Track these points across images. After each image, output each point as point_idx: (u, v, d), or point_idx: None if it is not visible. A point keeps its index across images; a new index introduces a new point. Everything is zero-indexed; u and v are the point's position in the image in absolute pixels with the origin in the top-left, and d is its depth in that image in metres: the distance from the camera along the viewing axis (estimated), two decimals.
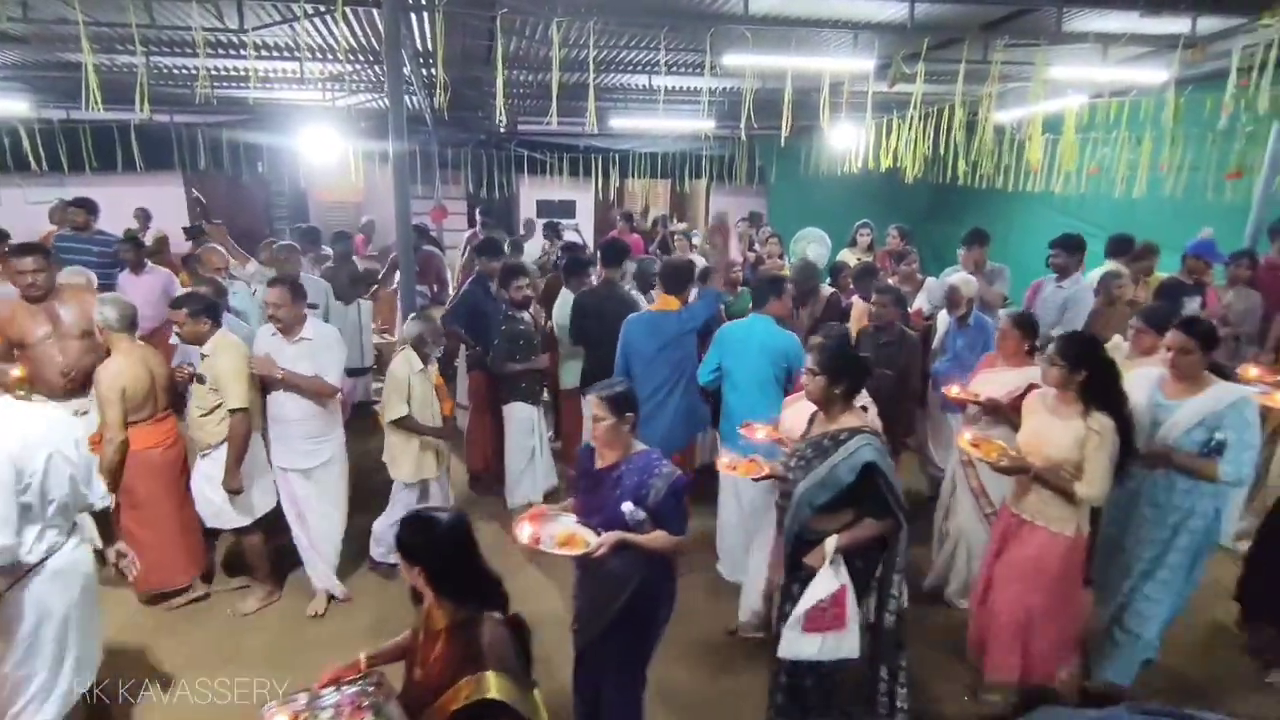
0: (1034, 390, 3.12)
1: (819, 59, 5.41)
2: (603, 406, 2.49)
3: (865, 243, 7.02)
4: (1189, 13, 4.80)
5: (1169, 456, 2.88)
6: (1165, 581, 2.99)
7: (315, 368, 3.72)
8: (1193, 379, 2.90)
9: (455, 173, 10.37)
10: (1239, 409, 2.78)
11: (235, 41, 5.76)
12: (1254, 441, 2.78)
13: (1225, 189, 5.61)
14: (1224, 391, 2.84)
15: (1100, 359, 2.78)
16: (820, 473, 2.55)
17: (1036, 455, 2.86)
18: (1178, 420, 2.87)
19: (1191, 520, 2.93)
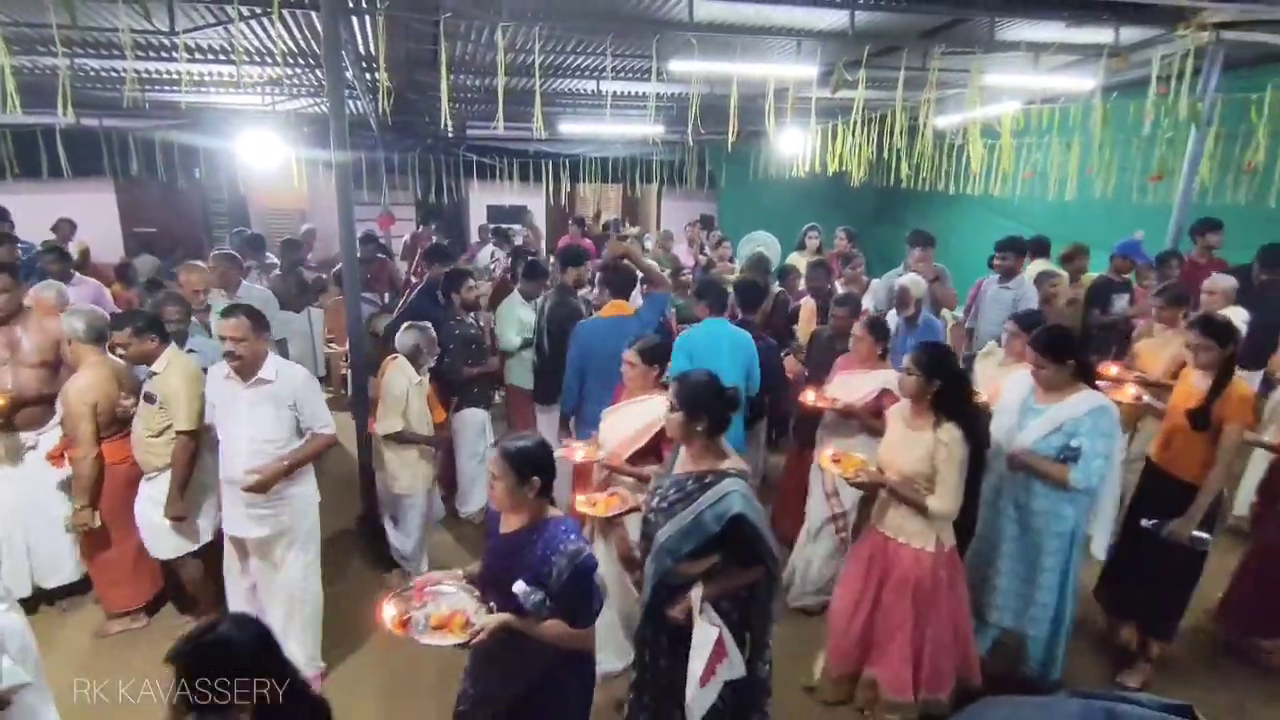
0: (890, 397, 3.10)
1: (764, 65, 5.49)
2: (500, 463, 2.09)
3: (814, 246, 7.14)
4: (1111, 24, 5.02)
5: (1027, 460, 2.92)
6: (1046, 585, 3.02)
7: (282, 417, 3.13)
8: (1058, 386, 2.93)
9: (403, 178, 10.21)
10: (1095, 417, 2.82)
11: (166, 44, 5.55)
12: (1106, 450, 2.82)
13: (1149, 191, 5.89)
14: (1084, 399, 2.87)
15: (953, 370, 2.78)
16: (684, 519, 2.34)
17: (892, 469, 2.86)
18: (1039, 424, 2.92)
19: (1052, 523, 2.97)
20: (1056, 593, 3.03)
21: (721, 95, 5.38)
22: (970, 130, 6.09)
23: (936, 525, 2.81)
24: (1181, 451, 3.17)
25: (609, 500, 2.91)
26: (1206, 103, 5.17)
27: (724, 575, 2.38)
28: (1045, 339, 2.93)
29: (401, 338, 3.98)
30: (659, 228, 11.39)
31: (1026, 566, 3.07)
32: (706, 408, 2.36)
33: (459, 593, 2.19)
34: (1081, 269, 5.68)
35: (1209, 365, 3.08)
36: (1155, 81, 4.87)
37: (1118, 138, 5.83)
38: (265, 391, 3.08)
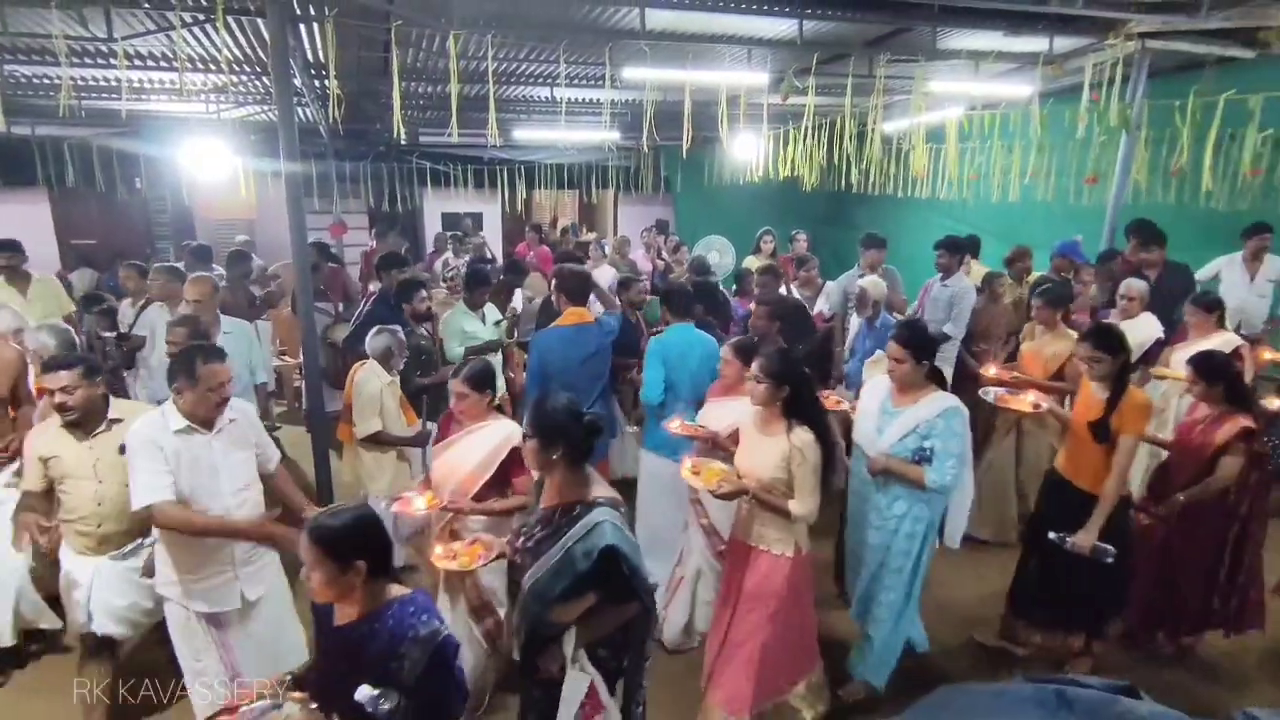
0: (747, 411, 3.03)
1: (716, 73, 5.57)
2: (312, 548, 1.76)
3: (769, 249, 7.26)
4: (1046, 33, 5.24)
5: (886, 464, 2.94)
6: (891, 586, 3.05)
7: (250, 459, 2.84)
8: (912, 387, 2.96)
9: (355, 187, 10.04)
10: (947, 418, 2.85)
11: (104, 50, 5.38)
12: (958, 450, 2.85)
13: (1085, 193, 6.14)
14: (936, 401, 2.91)
15: (801, 375, 2.78)
16: (553, 558, 2.13)
17: (750, 477, 2.82)
18: (895, 427, 2.94)
19: (905, 524, 2.98)
20: (903, 592, 3.05)
21: (675, 101, 5.44)
22: (915, 135, 6.28)
23: (796, 530, 2.81)
24: (1082, 461, 3.21)
25: (471, 550, 2.56)
26: (1135, 109, 5.42)
27: (599, 617, 2.19)
28: (907, 334, 2.96)
29: (372, 341, 3.96)
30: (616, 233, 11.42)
31: (878, 566, 3.09)
32: (563, 434, 2.17)
33: (287, 712, 1.81)
34: (1026, 270, 5.89)
35: (1104, 377, 3.11)
36: (1088, 88, 5.10)
37: (1055, 142, 6.07)
38: (234, 434, 2.78)
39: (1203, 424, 3.28)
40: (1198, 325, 4.25)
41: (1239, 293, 5.33)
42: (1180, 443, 3.41)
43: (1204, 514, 3.26)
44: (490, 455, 2.90)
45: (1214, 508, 3.25)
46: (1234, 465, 3.15)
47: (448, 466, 2.95)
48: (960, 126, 6.41)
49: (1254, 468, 3.24)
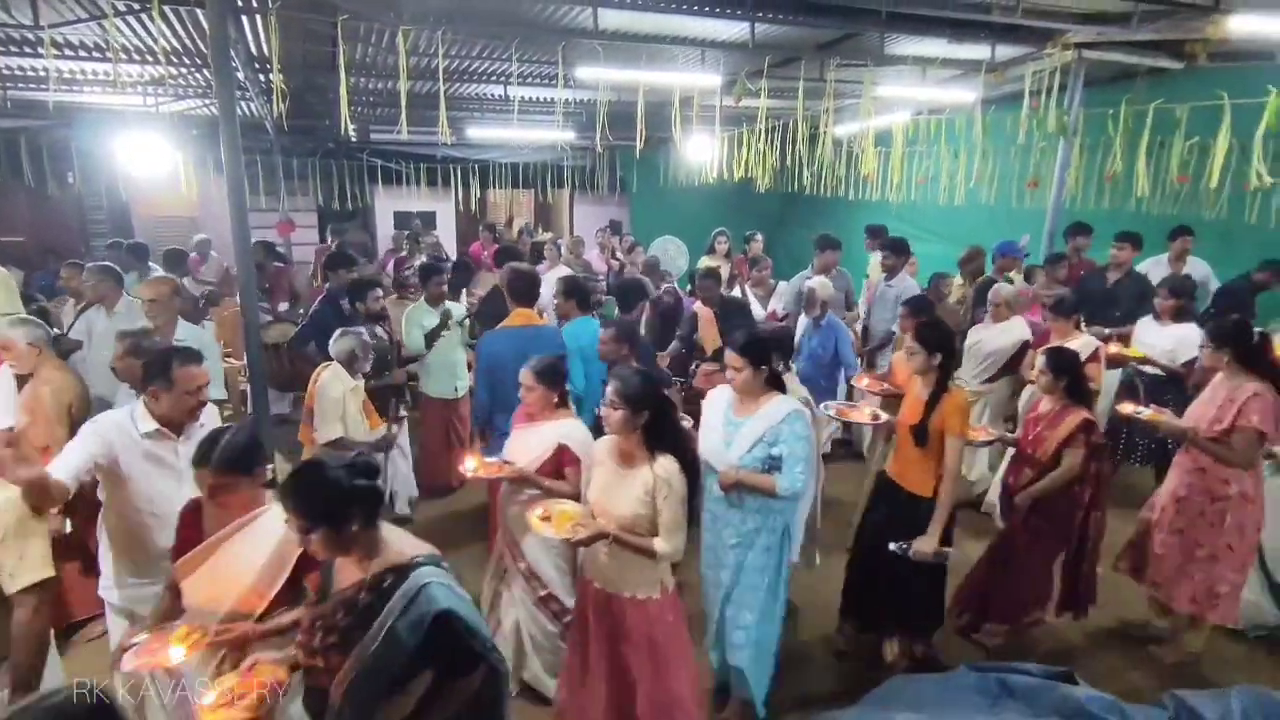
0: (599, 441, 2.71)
1: (669, 74, 5.60)
2: None
3: (723, 250, 7.32)
4: (989, 41, 5.40)
5: (737, 478, 2.75)
6: (749, 604, 2.86)
7: None
8: (752, 395, 2.81)
9: (303, 184, 9.79)
10: (791, 423, 2.73)
11: (30, 39, 5.13)
12: (805, 454, 2.73)
13: (1027, 197, 6.35)
14: (779, 406, 2.78)
15: (662, 398, 2.53)
16: (370, 645, 1.71)
17: (608, 517, 2.51)
18: (741, 438, 2.79)
19: (761, 537, 2.84)
20: (762, 609, 2.85)
21: (629, 102, 5.45)
22: (864, 139, 6.41)
23: (661, 569, 2.57)
24: (908, 464, 3.18)
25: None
26: (1071, 116, 5.62)
27: (441, 699, 1.78)
28: (743, 340, 2.78)
29: (336, 343, 3.86)
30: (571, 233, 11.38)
31: (732, 585, 2.89)
32: (352, 499, 1.76)
33: None
34: (979, 270, 6.04)
35: (921, 370, 3.10)
36: (1028, 96, 5.28)
37: (998, 147, 6.28)
38: None
39: (1046, 418, 3.36)
40: (1058, 330, 4.34)
41: None
42: (1026, 439, 3.46)
43: (1051, 506, 3.32)
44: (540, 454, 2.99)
45: (1060, 499, 3.32)
46: (1076, 457, 3.23)
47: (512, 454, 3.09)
48: (907, 131, 6.57)
49: (1095, 459, 3.30)
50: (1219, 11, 4.50)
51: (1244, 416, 3.13)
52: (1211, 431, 3.23)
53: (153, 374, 2.57)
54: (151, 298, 4.01)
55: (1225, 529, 3.26)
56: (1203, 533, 3.30)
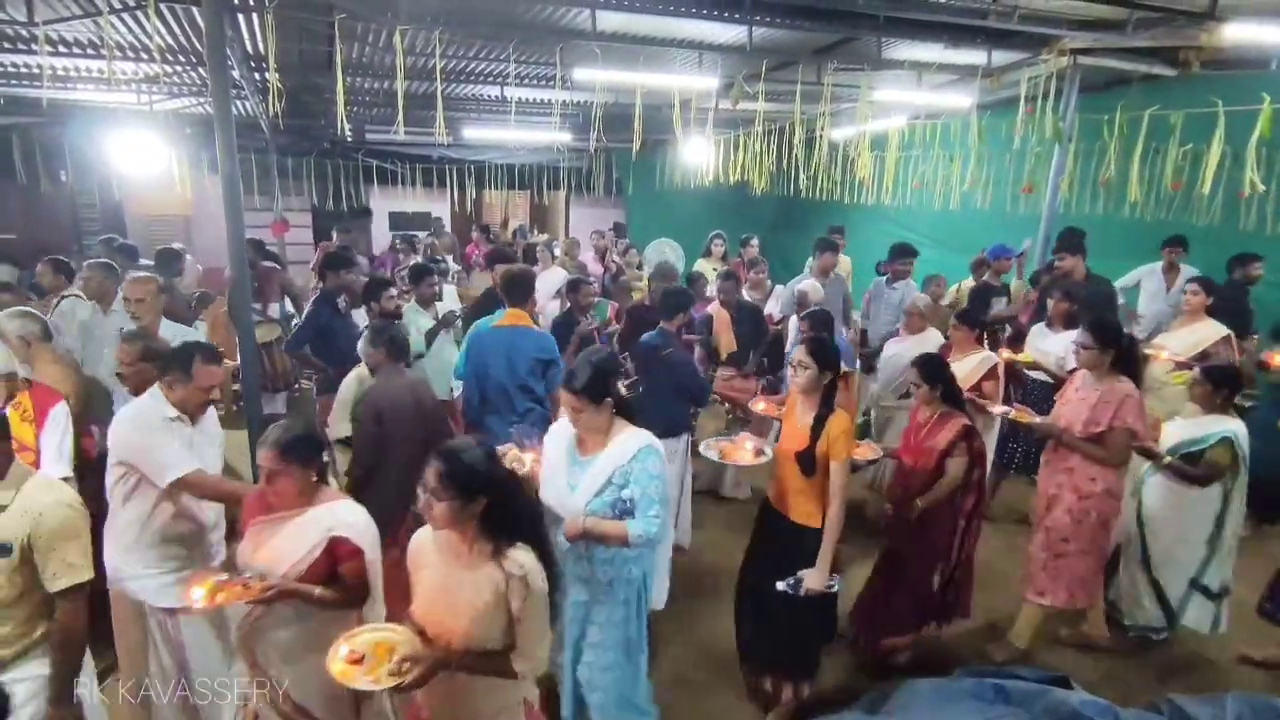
0: (416, 536, 2.13)
1: (667, 76, 5.60)
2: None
3: (719, 253, 7.32)
4: (985, 46, 5.42)
5: (584, 527, 2.39)
6: (605, 667, 2.62)
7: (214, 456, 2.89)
8: (598, 431, 2.49)
9: (298, 184, 9.76)
10: (643, 460, 2.42)
11: (24, 35, 5.10)
12: (660, 494, 2.41)
13: (1022, 202, 6.38)
14: (629, 441, 2.46)
15: (499, 478, 1.96)
16: None
17: (443, 633, 1.93)
18: (588, 481, 2.45)
19: (618, 589, 2.58)
20: (616, 675, 2.63)
21: (626, 104, 5.45)
22: (860, 143, 6.43)
23: (524, 687, 2.07)
24: (795, 494, 2.94)
25: None
26: (1067, 122, 5.65)
27: None
28: (586, 376, 2.41)
29: (362, 344, 3.76)
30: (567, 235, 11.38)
31: (588, 649, 2.65)
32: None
33: None
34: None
35: (808, 389, 2.89)
36: (1024, 101, 5.30)
37: (993, 152, 6.30)
38: (208, 430, 2.86)
39: (926, 427, 3.31)
40: (960, 341, 4.28)
41: (1156, 302, 5.64)
42: (907, 449, 3.39)
43: (935, 516, 3.26)
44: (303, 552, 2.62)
45: (944, 508, 3.27)
46: (960, 466, 3.19)
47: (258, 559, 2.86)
48: (903, 135, 6.59)
49: (975, 465, 3.28)
50: (1214, 19, 4.52)
51: (1119, 418, 3.20)
52: (1087, 432, 3.27)
53: (175, 365, 2.66)
54: (139, 297, 3.96)
55: (1091, 525, 3.32)
56: (1070, 529, 3.34)
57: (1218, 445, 3.32)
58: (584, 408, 2.44)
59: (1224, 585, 3.48)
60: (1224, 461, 3.33)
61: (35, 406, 2.92)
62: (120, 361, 3.23)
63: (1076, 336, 3.46)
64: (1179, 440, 3.45)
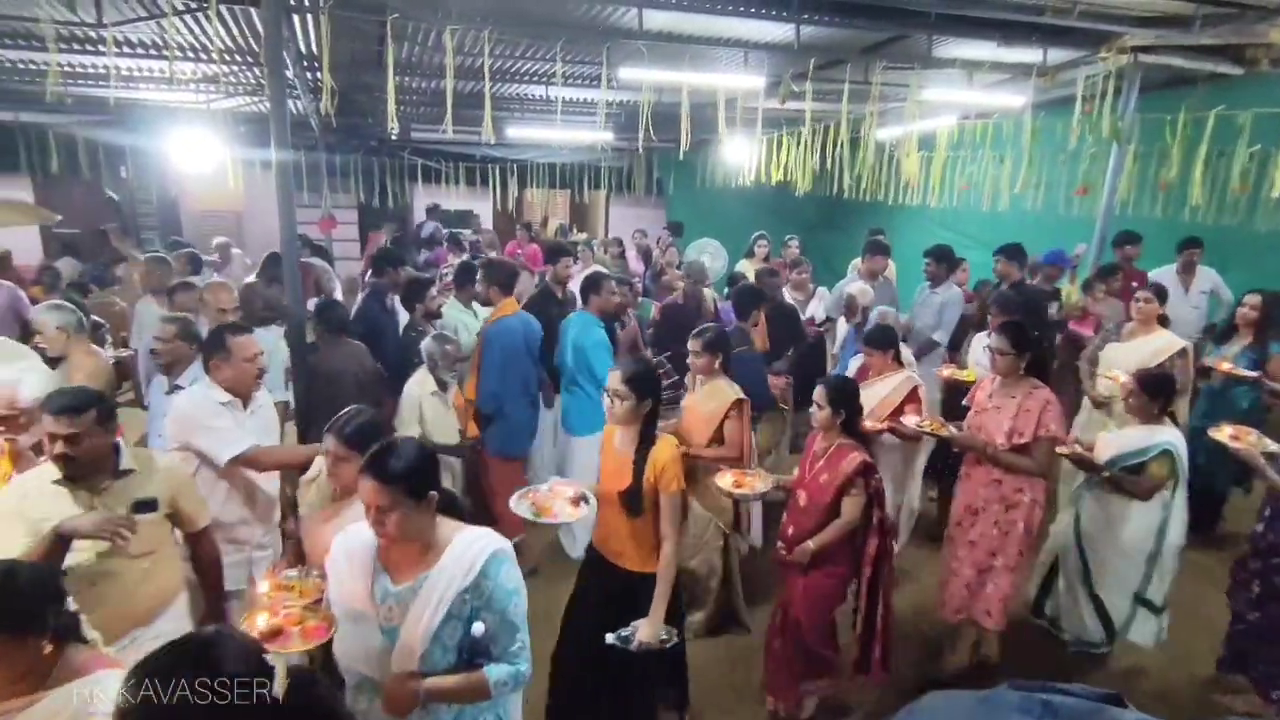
0: None
1: (712, 75, 5.57)
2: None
3: (763, 253, 7.27)
4: (1040, 44, 5.27)
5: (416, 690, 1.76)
6: None
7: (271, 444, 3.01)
8: (418, 539, 1.82)
9: (344, 181, 9.96)
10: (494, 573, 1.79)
11: (93, 37, 5.30)
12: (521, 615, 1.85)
13: (1075, 204, 6.20)
14: (467, 551, 1.79)
15: None
16: None
17: None
18: (412, 619, 1.77)
19: None
20: None
21: (670, 103, 5.43)
22: (907, 143, 6.31)
23: None
24: (624, 540, 2.65)
25: None
26: (1126, 122, 5.47)
27: None
28: (405, 462, 1.75)
29: (426, 345, 3.95)
30: (607, 234, 11.41)
31: None
32: None
33: None
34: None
35: (624, 419, 2.57)
36: (1080, 100, 5.14)
37: (1046, 153, 6.13)
38: (263, 417, 2.96)
39: (823, 459, 2.94)
40: (875, 364, 3.94)
41: (1174, 305, 5.41)
42: (802, 481, 3.02)
43: (830, 559, 2.90)
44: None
45: (840, 552, 2.91)
46: (856, 506, 2.85)
47: None
48: (952, 135, 6.45)
49: (877, 506, 2.91)
50: None
51: (1043, 427, 3.09)
52: (1011, 443, 3.14)
53: (211, 348, 2.77)
54: (224, 306, 4.06)
55: (1018, 536, 3.21)
56: (996, 543, 3.23)
57: (1159, 457, 3.19)
58: (397, 506, 1.70)
59: (1166, 599, 3.38)
60: (1165, 474, 3.20)
61: None
62: (157, 338, 3.40)
63: (991, 341, 3.29)
64: (1118, 452, 3.30)
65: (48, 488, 2.17)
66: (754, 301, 4.62)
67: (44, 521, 2.06)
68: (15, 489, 2.19)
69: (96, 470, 2.22)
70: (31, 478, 2.23)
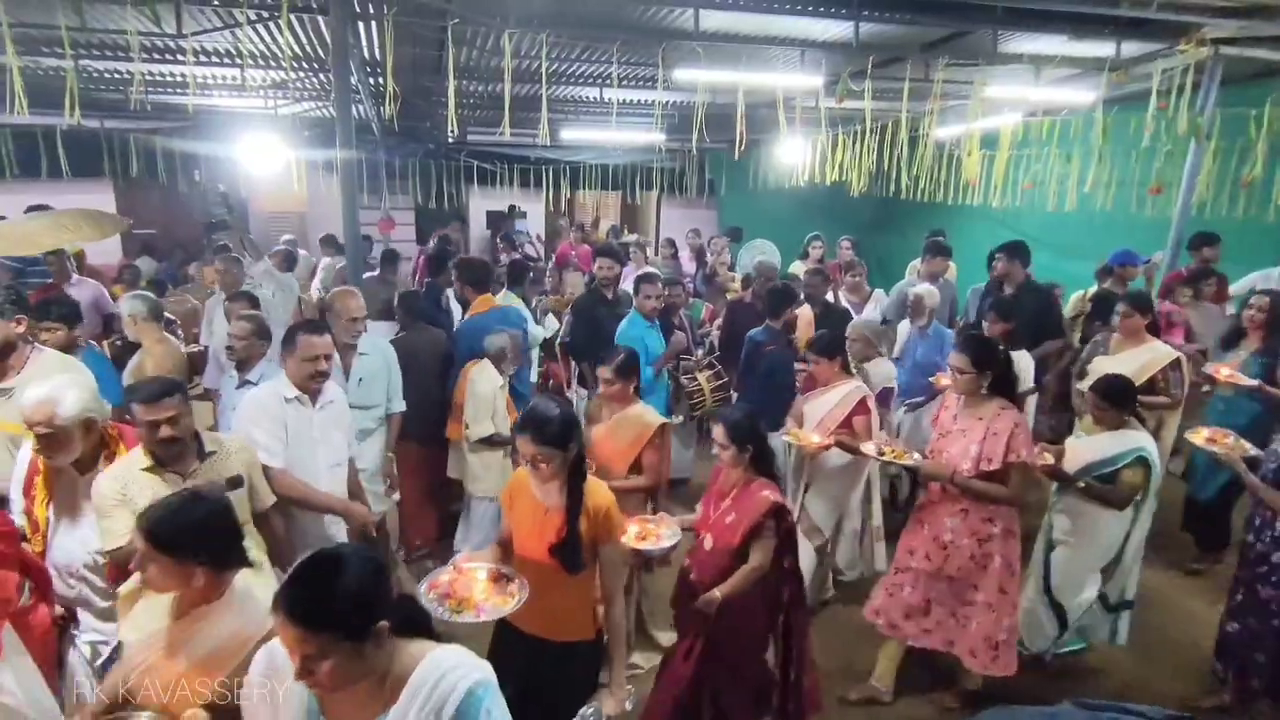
0: None
1: (768, 75, 5.53)
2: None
3: (817, 255, 7.17)
4: (1113, 37, 5.07)
5: None
6: None
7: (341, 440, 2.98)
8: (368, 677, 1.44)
9: (403, 183, 10.21)
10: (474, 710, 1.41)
11: (173, 46, 5.56)
12: None
13: (1147, 204, 5.93)
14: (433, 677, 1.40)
15: None
16: None
17: None
18: None
19: None
20: None
21: (722, 104, 5.41)
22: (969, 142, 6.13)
23: None
24: (554, 611, 2.25)
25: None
26: (1206, 117, 5.21)
27: None
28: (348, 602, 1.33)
29: (490, 340, 4.02)
30: (658, 235, 11.42)
31: None
32: None
33: None
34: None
35: (546, 477, 2.16)
36: (1155, 95, 4.92)
37: (1117, 150, 5.88)
38: (332, 414, 2.93)
39: (730, 497, 2.63)
40: (821, 372, 3.71)
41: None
42: (707, 521, 2.69)
43: (739, 610, 2.53)
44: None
45: (750, 601, 2.56)
46: (768, 549, 2.54)
47: None
48: (1016, 133, 6.25)
49: (788, 550, 2.64)
50: None
51: (1013, 452, 2.80)
52: (979, 470, 2.85)
53: (285, 342, 2.85)
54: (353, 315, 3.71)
55: (996, 570, 2.93)
56: (975, 576, 2.95)
57: (1133, 464, 3.06)
58: (330, 653, 1.30)
59: (1123, 598, 3.27)
60: (1139, 481, 3.07)
61: None
62: (233, 335, 3.52)
63: (950, 358, 3.00)
64: (1090, 460, 3.14)
65: (139, 476, 2.25)
66: (784, 300, 4.62)
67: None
68: (116, 479, 2.25)
69: (185, 453, 2.32)
70: (121, 468, 2.29)
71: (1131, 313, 4.09)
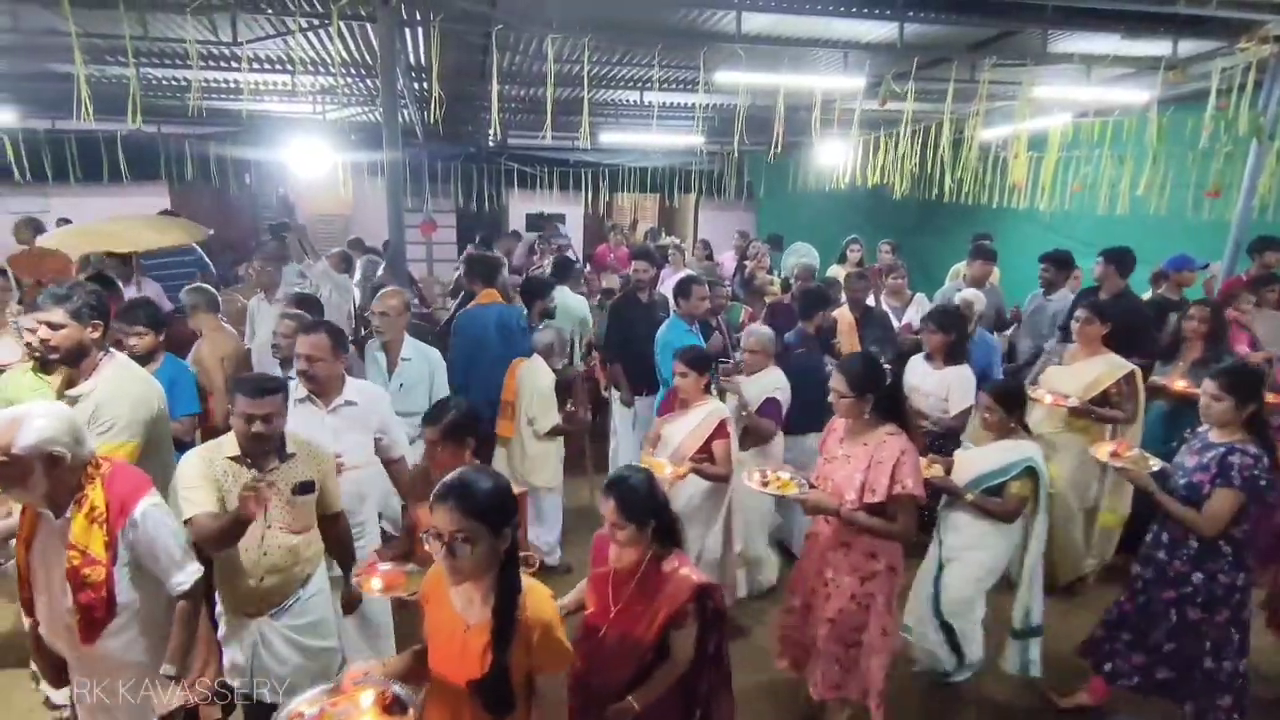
0: None
1: (811, 77, 5.49)
2: None
3: (855, 258, 7.10)
4: (1169, 36, 4.92)
5: None
6: None
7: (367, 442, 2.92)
8: None
9: (444, 186, 10.38)
10: None
11: (229, 54, 5.74)
12: None
13: (1204, 207, 5.73)
14: None
15: None
16: None
17: None
18: None
19: None
20: None
21: (762, 106, 5.38)
22: (1016, 143, 6.00)
23: None
24: None
25: None
26: (1268, 117, 5.02)
27: None
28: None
29: (537, 336, 4.14)
30: (696, 238, 11.40)
31: None
32: None
33: None
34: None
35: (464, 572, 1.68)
36: (1214, 95, 4.76)
37: (1173, 152, 5.69)
38: (349, 416, 2.86)
39: (632, 582, 2.15)
40: (689, 388, 3.41)
41: None
42: (601, 611, 2.20)
43: (660, 710, 2.14)
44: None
45: (668, 699, 2.17)
46: (689, 641, 2.12)
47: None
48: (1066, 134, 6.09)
49: (711, 633, 2.21)
50: None
51: (898, 483, 2.55)
52: (863, 502, 2.61)
53: None
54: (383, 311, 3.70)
55: (878, 612, 2.71)
56: (856, 617, 2.72)
57: (1020, 475, 2.96)
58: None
59: (1029, 623, 3.11)
60: (1026, 493, 2.98)
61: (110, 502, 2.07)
62: (278, 333, 3.65)
63: (832, 380, 2.73)
64: (979, 472, 3.02)
65: (223, 463, 2.37)
66: (816, 303, 4.62)
67: (226, 492, 2.34)
68: (203, 458, 2.38)
69: (269, 452, 2.39)
70: (210, 450, 2.41)
71: (1092, 319, 3.82)
